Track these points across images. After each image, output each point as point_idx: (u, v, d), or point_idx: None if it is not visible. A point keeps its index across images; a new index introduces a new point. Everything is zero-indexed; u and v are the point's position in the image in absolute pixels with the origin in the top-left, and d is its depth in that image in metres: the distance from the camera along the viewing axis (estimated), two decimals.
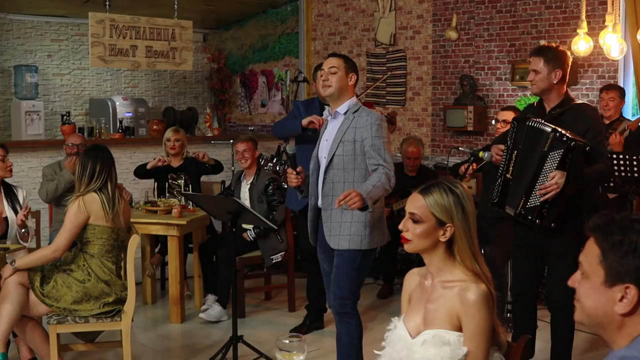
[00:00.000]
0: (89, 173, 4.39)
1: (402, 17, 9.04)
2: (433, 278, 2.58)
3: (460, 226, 2.48)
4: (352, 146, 4.03)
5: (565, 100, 4.38)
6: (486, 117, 8.28)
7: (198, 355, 5.21)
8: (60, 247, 4.30)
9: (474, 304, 2.43)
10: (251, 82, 10.79)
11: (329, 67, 4.12)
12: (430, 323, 2.50)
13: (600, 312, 1.68)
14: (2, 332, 4.25)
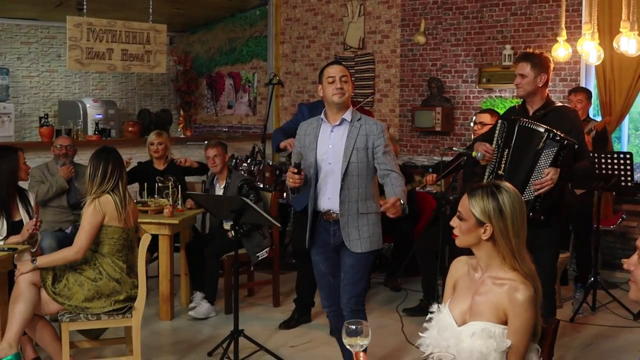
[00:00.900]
0: (101, 174, 4.52)
1: (370, 22, 9.32)
2: (483, 272, 2.81)
3: (497, 227, 2.71)
4: (365, 153, 4.18)
5: (547, 102, 4.70)
6: (453, 118, 8.62)
7: (195, 350, 5.38)
8: (82, 248, 4.43)
9: (522, 304, 2.66)
10: (218, 84, 10.95)
11: (341, 75, 4.19)
12: (477, 314, 2.73)
13: None
14: (15, 332, 4.35)
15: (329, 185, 4.25)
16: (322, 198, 4.28)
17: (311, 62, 9.97)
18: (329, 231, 4.29)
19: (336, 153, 4.22)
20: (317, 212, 4.33)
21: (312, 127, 4.36)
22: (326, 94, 4.23)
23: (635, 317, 6.04)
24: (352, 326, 2.48)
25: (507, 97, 8.20)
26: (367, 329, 2.47)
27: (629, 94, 7.26)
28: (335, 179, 4.21)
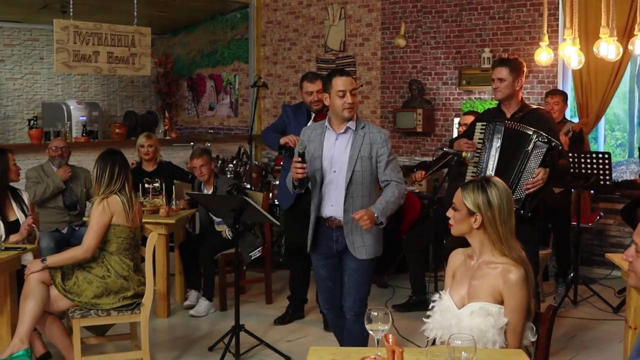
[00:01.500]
0: (108, 176, 4.65)
1: (351, 25, 9.52)
2: (477, 258, 3.09)
3: (486, 216, 3.01)
4: (369, 162, 4.28)
5: (523, 105, 4.97)
6: (434, 119, 8.86)
7: (195, 346, 5.52)
8: (90, 247, 4.56)
9: (515, 284, 2.92)
10: (199, 86, 11.08)
11: (351, 89, 4.24)
12: (474, 296, 2.98)
13: None
14: (27, 329, 4.48)
15: (332, 193, 4.33)
16: (325, 205, 4.37)
17: (292, 64, 10.14)
18: (332, 237, 4.39)
19: (341, 161, 4.31)
20: (319, 218, 4.42)
21: (317, 133, 4.41)
22: (335, 107, 4.26)
23: (615, 310, 6.32)
24: (374, 313, 2.68)
25: (486, 98, 8.44)
26: (388, 316, 2.67)
27: (605, 96, 7.55)
28: (340, 187, 4.30)
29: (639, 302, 4.38)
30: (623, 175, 7.65)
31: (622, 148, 8.28)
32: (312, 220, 4.43)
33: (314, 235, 4.45)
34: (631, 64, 7.52)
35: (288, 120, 5.94)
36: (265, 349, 5.30)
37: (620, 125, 8.40)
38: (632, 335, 4.43)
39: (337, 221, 4.35)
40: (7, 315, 4.71)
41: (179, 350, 5.42)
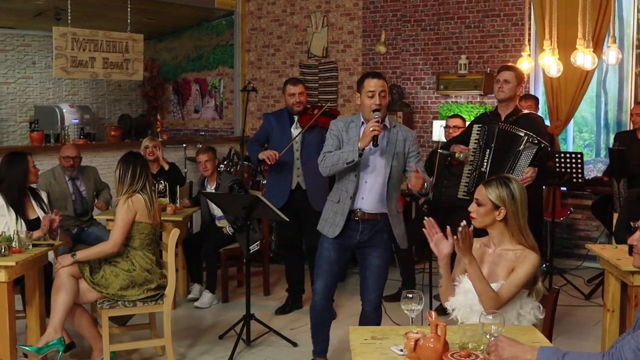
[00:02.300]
0: (130, 176, 5.05)
1: (333, 33, 10.00)
2: (496, 247, 3.54)
3: (510, 209, 3.46)
4: (403, 158, 4.62)
5: (517, 109, 5.49)
6: (413, 122, 9.37)
7: (205, 335, 5.95)
8: (117, 242, 4.97)
9: (528, 261, 3.39)
10: (184, 90, 11.46)
11: (380, 90, 4.47)
12: (493, 277, 3.44)
13: None
14: (59, 319, 4.86)
15: (365, 186, 4.57)
16: (357, 198, 4.59)
17: (276, 69, 10.60)
18: (358, 229, 4.63)
19: (377, 157, 4.55)
20: (350, 211, 4.62)
21: (353, 125, 4.60)
22: (365, 106, 4.50)
23: (587, 297, 6.89)
24: (409, 295, 3.11)
25: (462, 102, 8.99)
26: (421, 297, 3.12)
27: (574, 100, 8.12)
28: (377, 181, 4.56)
29: (616, 287, 4.93)
30: (591, 173, 8.23)
31: (589, 148, 8.87)
32: (343, 212, 4.60)
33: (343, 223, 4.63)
34: (598, 70, 8.09)
35: (271, 128, 6.36)
36: (273, 336, 5.75)
37: (588, 127, 8.99)
38: (610, 317, 4.97)
39: (365, 214, 4.60)
40: (35, 307, 5.07)
41: (190, 339, 5.83)
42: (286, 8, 10.44)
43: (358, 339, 3.12)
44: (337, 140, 4.61)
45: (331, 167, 4.55)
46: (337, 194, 4.70)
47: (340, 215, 4.64)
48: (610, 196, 7.09)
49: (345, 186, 4.62)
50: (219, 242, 6.85)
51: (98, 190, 7.06)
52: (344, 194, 4.63)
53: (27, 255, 4.79)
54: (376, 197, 4.61)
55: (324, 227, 4.74)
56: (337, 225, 4.65)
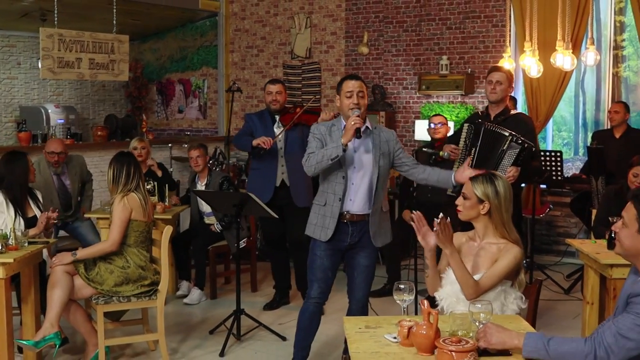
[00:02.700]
0: (125, 175, 5.16)
1: (317, 34, 10.15)
2: (480, 240, 3.71)
3: (493, 204, 3.63)
4: (388, 158, 4.72)
5: (506, 109, 5.65)
6: (395, 121, 9.54)
7: (196, 330, 6.07)
8: (116, 241, 5.08)
9: (511, 253, 3.56)
10: (168, 90, 11.56)
11: (358, 90, 4.57)
12: (478, 268, 3.61)
13: (633, 249, 2.83)
14: (56, 314, 4.97)
15: (352, 188, 4.62)
16: (346, 197, 4.64)
17: (260, 70, 10.73)
18: (347, 232, 4.68)
19: (364, 159, 4.63)
20: (341, 213, 4.66)
21: (335, 129, 4.65)
22: (344, 106, 4.60)
23: (566, 292, 7.09)
24: (401, 286, 3.27)
25: (444, 102, 9.17)
26: (411, 287, 3.28)
27: (553, 99, 8.34)
28: (363, 182, 4.63)
29: (595, 281, 5.12)
30: (570, 171, 8.44)
31: (568, 147, 9.07)
32: (333, 214, 4.64)
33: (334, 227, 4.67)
34: (576, 71, 8.29)
35: (254, 127, 6.49)
36: (262, 331, 5.89)
37: (567, 126, 9.19)
38: (589, 309, 5.16)
39: (354, 216, 4.66)
40: (31, 304, 5.16)
41: (181, 334, 5.95)
42: (270, 9, 10.57)
43: (353, 328, 3.27)
44: (320, 143, 4.65)
45: (316, 165, 4.57)
46: (322, 197, 4.74)
47: (329, 217, 4.68)
48: (588, 193, 7.28)
49: (333, 188, 4.67)
50: (207, 240, 6.97)
51: (84, 182, 7.10)
52: (331, 197, 4.68)
53: (23, 252, 4.89)
54: (364, 199, 4.66)
55: (314, 231, 4.77)
56: (328, 228, 4.68)
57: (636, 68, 8.53)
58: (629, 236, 2.82)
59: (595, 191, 7.00)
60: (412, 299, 3.29)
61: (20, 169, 5.63)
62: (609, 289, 4.87)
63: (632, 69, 8.57)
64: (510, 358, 2.85)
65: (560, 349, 2.75)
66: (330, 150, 4.50)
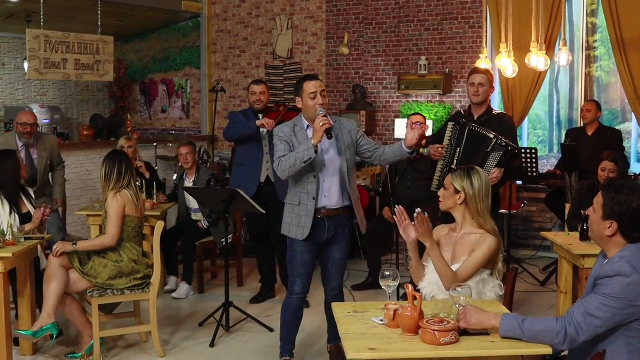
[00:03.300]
0: (117, 173, 5.34)
1: (298, 35, 10.36)
2: (460, 230, 3.96)
3: (468, 194, 3.90)
4: (353, 149, 4.89)
5: (489, 110, 5.86)
6: (375, 120, 9.78)
7: (186, 323, 6.27)
8: (115, 235, 5.26)
9: (487, 244, 3.82)
10: (151, 90, 11.73)
11: (321, 90, 4.72)
12: (457, 258, 3.86)
13: (597, 233, 3.09)
14: (52, 306, 5.15)
15: (324, 185, 4.77)
16: (321, 195, 4.79)
17: (242, 70, 10.92)
18: (324, 227, 4.83)
19: (332, 156, 4.76)
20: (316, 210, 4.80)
21: (298, 129, 4.80)
22: (308, 108, 4.73)
23: (542, 284, 7.36)
24: (387, 273, 3.51)
25: (423, 101, 9.41)
26: (397, 275, 3.51)
27: (528, 99, 8.61)
28: (335, 177, 4.77)
29: (569, 271, 5.39)
30: (544, 168, 8.71)
31: (543, 144, 9.36)
32: (308, 213, 4.79)
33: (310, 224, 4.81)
34: (550, 71, 8.57)
35: (240, 121, 6.67)
36: (250, 323, 6.10)
37: (542, 124, 9.48)
38: (563, 298, 5.44)
39: (330, 211, 4.82)
40: (27, 297, 5.34)
41: (172, 327, 6.14)
42: (252, 11, 10.77)
43: (342, 312, 3.50)
44: (288, 145, 4.76)
45: (289, 168, 4.67)
46: (295, 197, 4.88)
47: (305, 217, 4.82)
48: (562, 189, 7.56)
49: (305, 188, 4.81)
50: (195, 236, 7.17)
51: (53, 163, 7.11)
52: (304, 196, 4.82)
53: (21, 247, 5.07)
54: (338, 193, 4.81)
55: (290, 230, 4.90)
56: (304, 226, 4.82)
57: (608, 68, 8.83)
58: (595, 221, 3.08)
59: (569, 187, 7.27)
60: (397, 285, 3.52)
61: (11, 166, 5.75)
62: (582, 279, 5.13)
63: (604, 69, 8.88)
64: (488, 337, 3.09)
65: (534, 328, 3.00)
66: (302, 153, 4.61)
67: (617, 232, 3.02)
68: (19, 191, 5.84)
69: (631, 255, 2.97)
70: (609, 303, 2.92)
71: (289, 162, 4.67)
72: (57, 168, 7.25)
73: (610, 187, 3.06)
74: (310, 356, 5.48)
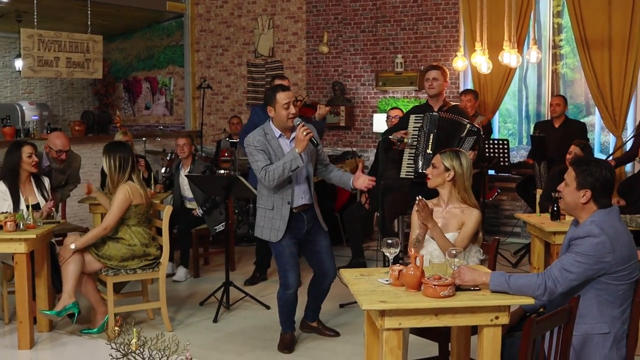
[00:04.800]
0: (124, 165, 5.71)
1: (279, 34, 10.84)
2: (446, 205, 4.48)
3: (458, 172, 4.43)
4: (315, 152, 5.26)
5: (445, 102, 6.44)
6: (354, 115, 10.29)
7: (187, 303, 6.71)
8: (109, 226, 5.65)
9: (474, 216, 4.37)
10: (135, 88, 12.12)
11: (293, 100, 5.05)
12: (446, 229, 4.38)
13: (572, 203, 3.63)
14: (72, 286, 5.57)
15: (300, 187, 5.17)
16: (296, 197, 5.17)
17: (225, 68, 11.37)
18: (303, 220, 5.23)
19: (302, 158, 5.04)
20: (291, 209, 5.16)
21: (270, 137, 5.11)
22: (281, 117, 5.05)
23: (514, 266, 7.92)
24: (389, 241, 3.99)
25: (399, 97, 9.95)
26: (398, 242, 4.00)
27: (499, 93, 9.18)
28: (303, 177, 5.17)
29: (541, 248, 5.95)
30: (515, 159, 9.28)
31: (513, 137, 9.93)
32: (283, 217, 5.14)
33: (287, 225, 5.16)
34: (519, 68, 9.14)
35: (259, 120, 6.97)
36: (248, 301, 6.56)
37: (511, 118, 10.05)
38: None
39: (305, 206, 5.23)
40: (44, 278, 5.74)
41: (175, 306, 6.57)
42: (234, 11, 11.22)
43: (350, 275, 3.99)
44: (265, 154, 5.03)
45: (278, 178, 4.96)
46: (269, 201, 5.18)
47: (279, 220, 5.15)
48: (532, 177, 8.13)
49: (280, 193, 5.13)
50: (190, 224, 7.60)
51: (68, 181, 7.39)
52: (278, 201, 5.14)
53: (41, 230, 5.48)
54: (306, 190, 5.22)
55: (263, 233, 5.24)
56: (278, 230, 5.16)
57: (572, 65, 9.43)
58: (569, 193, 3.62)
59: (539, 175, 7.85)
60: (397, 252, 4.00)
61: (11, 159, 6.06)
62: (553, 254, 5.68)
63: (569, 66, 9.48)
64: (479, 292, 3.61)
65: (518, 282, 3.53)
66: (290, 163, 4.92)
67: (590, 200, 3.56)
68: (29, 183, 6.14)
69: (599, 219, 3.52)
70: (581, 260, 3.46)
71: (277, 171, 4.95)
72: (70, 185, 7.43)
73: (580, 162, 3.62)
74: None
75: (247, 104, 11.05)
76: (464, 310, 3.52)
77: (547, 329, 3.22)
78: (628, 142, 7.87)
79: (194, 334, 5.84)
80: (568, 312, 3.28)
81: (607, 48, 8.50)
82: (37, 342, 5.64)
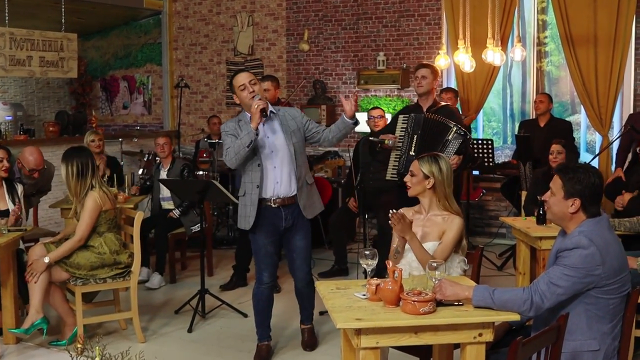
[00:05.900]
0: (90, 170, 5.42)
1: (259, 32, 10.61)
2: (426, 213, 4.27)
3: (437, 179, 4.22)
4: (299, 133, 5.02)
5: (435, 101, 6.22)
6: (335, 114, 10.06)
7: (161, 311, 6.48)
8: (83, 237, 5.40)
9: (455, 225, 4.15)
10: (112, 87, 11.86)
11: (249, 80, 4.90)
12: (426, 238, 4.17)
13: (560, 213, 3.42)
14: (38, 301, 5.29)
15: (275, 172, 4.96)
16: (268, 186, 4.97)
17: (204, 66, 11.13)
18: (281, 216, 5.03)
19: (278, 141, 4.96)
20: (261, 200, 4.98)
21: (242, 123, 4.95)
22: (244, 100, 4.94)
23: (499, 268, 7.74)
24: (366, 252, 3.78)
25: (381, 96, 9.74)
26: (375, 253, 3.79)
27: (483, 92, 8.99)
28: (285, 165, 4.97)
29: (526, 253, 5.77)
30: (499, 159, 9.10)
31: (497, 136, 9.76)
32: (252, 202, 4.99)
33: (257, 215, 5.01)
34: (504, 66, 8.95)
35: None
36: (225, 309, 6.33)
37: (496, 117, 9.88)
38: (521, 279, 5.81)
39: (285, 200, 5.01)
40: (10, 288, 5.51)
41: (149, 315, 6.34)
42: (212, 8, 10.98)
43: (326, 289, 3.77)
44: (234, 138, 4.92)
45: (235, 156, 4.85)
46: (242, 187, 5.10)
47: (250, 206, 5.02)
48: (517, 178, 7.95)
49: (250, 177, 5.01)
50: (167, 227, 7.37)
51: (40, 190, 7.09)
52: (249, 186, 5.02)
53: (6, 238, 5.24)
54: (288, 179, 5.00)
55: (240, 222, 5.14)
56: (249, 215, 5.03)
57: (557, 63, 9.26)
58: (556, 202, 3.42)
59: (524, 175, 7.66)
60: (375, 264, 3.79)
61: None
62: (539, 259, 5.51)
63: (554, 64, 9.31)
64: (462, 307, 3.40)
65: (503, 297, 3.32)
66: (244, 138, 4.80)
67: (580, 209, 3.36)
68: None
69: (588, 229, 3.32)
70: (570, 273, 3.25)
71: (233, 149, 4.86)
72: (43, 193, 7.19)
73: (566, 169, 3.41)
74: (285, 338, 5.74)
75: (227, 103, 10.82)
76: (446, 328, 3.31)
77: (534, 351, 3.02)
78: (615, 142, 7.70)
79: (167, 345, 5.63)
80: (556, 330, 3.07)
81: (593, 45, 8.33)
82: (4, 355, 5.40)
